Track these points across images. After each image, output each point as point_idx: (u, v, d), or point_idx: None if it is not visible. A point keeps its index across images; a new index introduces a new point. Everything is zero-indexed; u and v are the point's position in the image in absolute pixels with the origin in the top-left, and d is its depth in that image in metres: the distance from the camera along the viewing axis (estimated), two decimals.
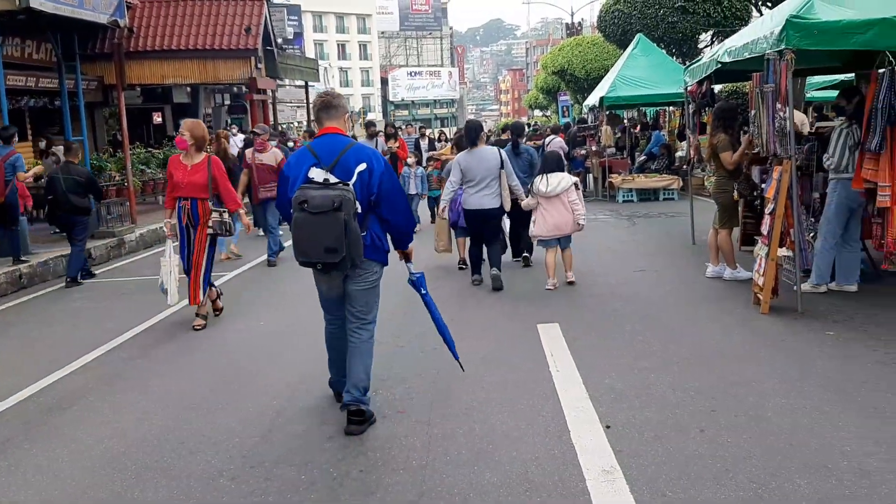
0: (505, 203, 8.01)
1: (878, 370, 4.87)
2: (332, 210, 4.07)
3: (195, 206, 6.82)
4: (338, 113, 4.52)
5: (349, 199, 4.12)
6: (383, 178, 4.35)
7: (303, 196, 4.14)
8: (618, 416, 4.33)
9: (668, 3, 23.22)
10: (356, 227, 4.16)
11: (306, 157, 4.38)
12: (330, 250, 4.11)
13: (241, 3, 20.13)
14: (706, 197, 10.91)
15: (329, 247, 4.10)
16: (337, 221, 4.07)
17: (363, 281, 4.42)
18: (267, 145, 10.65)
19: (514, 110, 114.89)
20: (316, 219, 4.10)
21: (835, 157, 6.74)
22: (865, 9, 6.22)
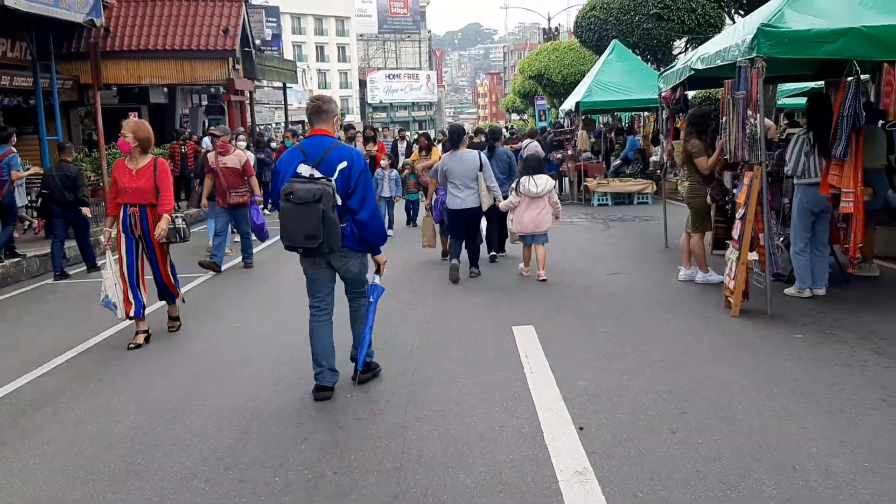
0: (483, 203, 8.52)
1: (845, 372, 4.97)
2: (312, 201, 4.59)
3: (144, 213, 6.43)
4: (327, 117, 5.00)
5: (329, 192, 4.62)
6: (361, 176, 4.86)
7: (289, 189, 4.68)
8: (591, 418, 4.38)
9: (644, 10, 23.45)
10: (334, 217, 4.65)
11: (296, 154, 4.89)
12: (309, 237, 4.64)
13: (219, 3, 20.03)
14: (679, 201, 11.03)
15: (308, 234, 4.63)
16: (316, 212, 4.58)
17: (350, 269, 5.02)
18: (229, 147, 10.01)
19: (491, 114, 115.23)
20: (298, 209, 4.63)
21: (790, 163, 6.91)
22: (835, 18, 6.34)
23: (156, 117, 23.66)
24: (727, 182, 8.00)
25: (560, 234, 12.12)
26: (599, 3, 24.94)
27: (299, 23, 76.45)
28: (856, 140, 6.27)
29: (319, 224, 4.60)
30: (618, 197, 16.50)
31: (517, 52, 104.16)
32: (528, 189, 8.36)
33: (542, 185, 8.37)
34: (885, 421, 4.16)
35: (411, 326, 6.66)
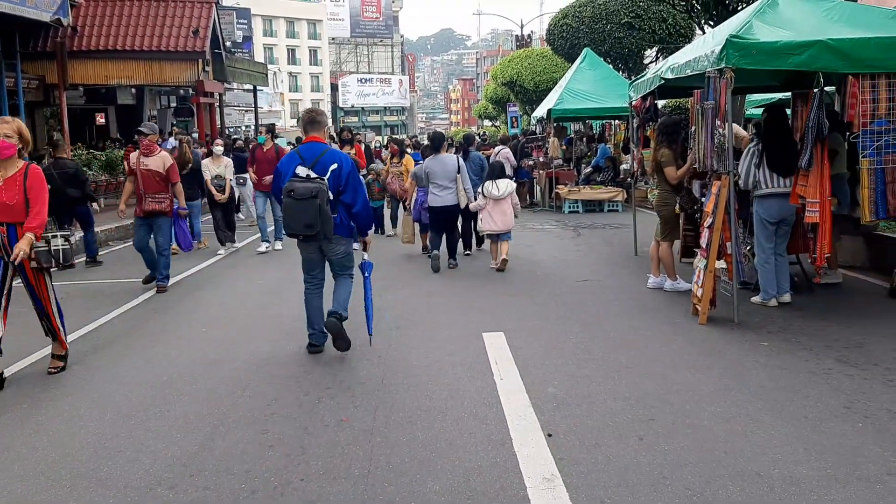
0: (461, 201, 9.58)
1: (809, 380, 5.04)
2: (310, 197, 5.54)
3: (13, 234, 5.38)
4: (320, 127, 6.02)
5: (323, 190, 5.59)
6: (350, 174, 5.83)
7: (290, 187, 5.62)
8: (560, 424, 4.39)
9: (615, 19, 23.71)
10: (328, 210, 5.62)
11: (294, 158, 5.82)
12: (308, 226, 5.61)
13: (190, 4, 19.87)
14: (649, 209, 11.14)
15: (307, 223, 5.59)
16: (313, 206, 5.54)
17: (337, 253, 5.94)
18: (154, 147, 8.96)
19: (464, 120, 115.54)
20: (299, 204, 5.58)
21: (741, 175, 7.01)
22: (802, 31, 6.46)
23: (123, 118, 23.41)
24: (696, 191, 8.08)
25: (531, 240, 12.21)
26: (572, 12, 25.17)
27: (271, 25, 76.08)
28: (821, 150, 6.37)
29: (317, 216, 5.55)
30: (588, 204, 16.61)
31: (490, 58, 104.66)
32: (491, 192, 9.39)
33: (503, 189, 9.42)
34: (847, 428, 4.22)
35: (381, 331, 6.62)
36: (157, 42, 19.04)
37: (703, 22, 16.96)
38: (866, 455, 3.87)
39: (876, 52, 6.24)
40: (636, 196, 11.29)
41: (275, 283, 9.17)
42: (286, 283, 8.89)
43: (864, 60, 6.25)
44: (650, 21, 23.54)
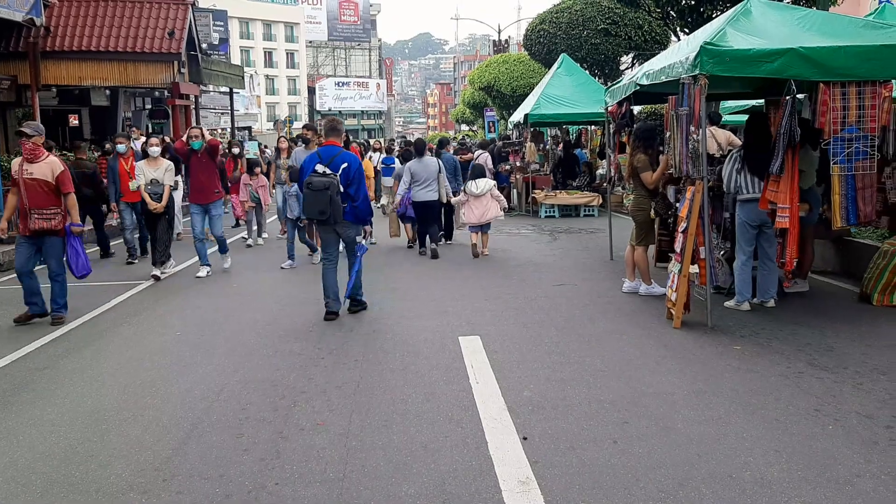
0: (442, 197, 11.36)
1: (780, 383, 5.10)
2: (324, 189, 6.97)
3: None
4: (338, 133, 7.51)
5: (335, 184, 7.02)
6: (356, 173, 7.22)
7: (310, 181, 7.05)
8: (535, 428, 4.41)
9: (592, 26, 23.88)
10: (338, 200, 7.04)
11: (314, 158, 7.25)
12: (321, 212, 7.03)
13: (165, 6, 19.71)
14: (625, 214, 11.22)
15: (321, 210, 7.01)
16: (326, 196, 6.96)
17: (348, 234, 7.36)
18: (40, 152, 7.36)
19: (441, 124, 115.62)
20: (315, 194, 7.00)
21: (724, 180, 7.13)
22: (775, 39, 6.55)
23: (97, 120, 23.15)
24: (670, 196, 8.16)
25: (507, 244, 12.26)
26: (549, 18, 25.31)
27: (247, 28, 75.70)
28: (792, 157, 6.46)
29: (328, 204, 6.97)
30: (565, 209, 16.72)
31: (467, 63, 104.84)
32: (472, 190, 11.15)
33: (482, 187, 11.16)
34: (817, 430, 4.28)
35: (357, 335, 6.62)
36: (131, 43, 18.86)
37: (679, 29, 17.13)
38: (836, 457, 3.93)
39: (846, 61, 6.34)
40: (612, 201, 11.36)
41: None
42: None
43: (834, 69, 6.35)
44: (626, 28, 23.75)
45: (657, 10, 17.41)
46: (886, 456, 3.93)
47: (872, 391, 4.91)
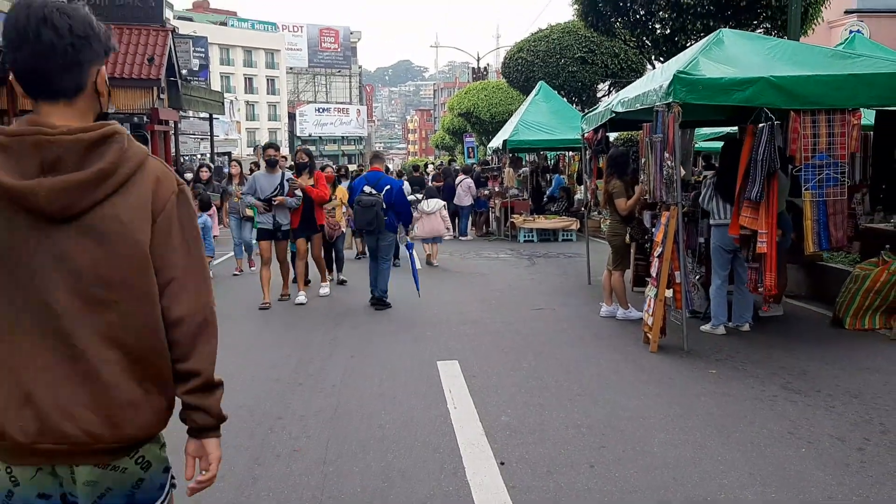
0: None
1: (755, 406, 5.15)
2: (371, 206, 8.74)
3: None
4: (381, 161, 10.01)
5: (379, 202, 8.78)
6: (397, 195, 9.00)
7: (359, 199, 8.87)
8: (512, 453, 4.42)
9: (569, 54, 24.19)
10: (382, 214, 8.79)
11: (363, 180, 9.15)
12: (368, 223, 8.82)
13: (145, 32, 19.77)
14: (602, 239, 11.31)
15: (368, 222, 8.80)
16: (372, 212, 8.73)
17: (384, 242, 9.07)
18: None
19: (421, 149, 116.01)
20: (364, 210, 8.80)
21: (703, 204, 7.26)
22: (746, 68, 6.70)
23: None
24: (646, 221, 8.25)
25: (486, 269, 12.31)
26: (527, 46, 25.61)
27: (228, 54, 75.84)
28: (768, 183, 6.57)
29: (374, 218, 8.73)
30: (543, 233, 16.82)
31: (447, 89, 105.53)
32: (423, 209, 12.56)
33: (432, 206, 12.68)
34: (791, 453, 4.33)
35: (336, 360, 6.60)
36: (111, 69, 18.82)
37: (653, 57, 17.43)
38: (809, 479, 3.97)
39: (816, 89, 6.49)
40: (589, 226, 11.47)
41: None
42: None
43: (804, 97, 6.50)
44: (603, 56, 24.08)
45: (632, 39, 17.72)
46: (858, 478, 3.98)
47: (844, 414, 4.98)
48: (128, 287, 1.75)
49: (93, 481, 1.78)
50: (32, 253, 1.70)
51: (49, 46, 1.71)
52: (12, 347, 1.71)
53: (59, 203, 1.67)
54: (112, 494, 1.82)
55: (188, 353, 1.86)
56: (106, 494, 1.81)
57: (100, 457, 1.77)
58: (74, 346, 1.71)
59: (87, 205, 1.70)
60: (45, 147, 1.68)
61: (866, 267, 7.37)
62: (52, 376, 1.71)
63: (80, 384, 1.72)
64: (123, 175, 1.74)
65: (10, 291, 1.71)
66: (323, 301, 9.51)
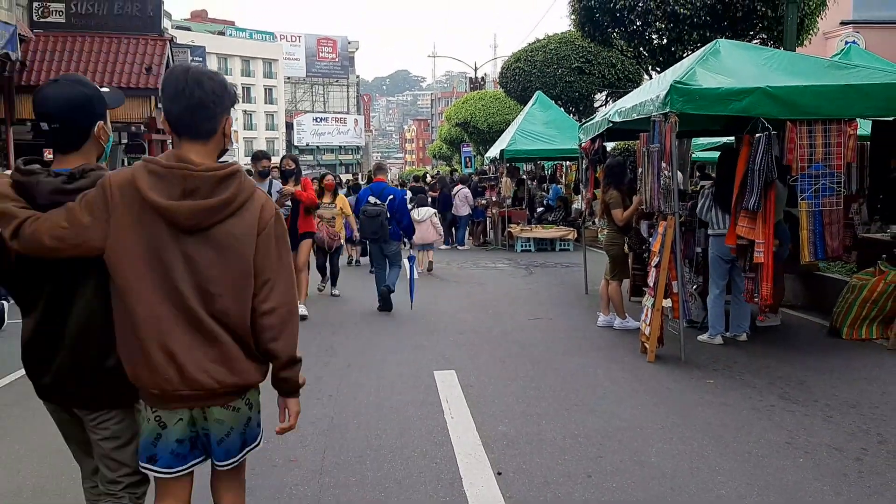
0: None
1: (752, 416, 5.15)
2: (376, 216, 9.17)
3: None
4: (385, 172, 10.19)
5: (383, 212, 9.20)
6: (399, 205, 9.44)
7: (365, 209, 9.26)
8: (509, 463, 4.40)
9: (566, 64, 24.26)
10: (386, 223, 9.21)
11: (368, 191, 9.57)
12: (374, 233, 9.26)
13: (143, 41, 19.77)
14: (600, 248, 11.31)
15: (374, 231, 9.24)
16: (377, 221, 9.16)
17: (391, 250, 9.51)
18: None
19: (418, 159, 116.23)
20: (369, 220, 9.23)
21: (701, 213, 7.26)
22: (742, 78, 6.71)
23: None
24: (643, 231, 8.26)
25: (483, 278, 12.30)
26: (524, 56, 25.68)
27: (226, 64, 75.94)
28: (766, 193, 6.57)
29: (379, 228, 9.17)
30: (540, 243, 16.82)
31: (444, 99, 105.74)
32: (414, 217, 11.95)
33: (423, 215, 12.55)
34: (788, 463, 4.32)
35: (332, 370, 6.58)
36: (108, 78, 18.85)
37: (650, 68, 17.47)
38: (806, 489, 3.96)
39: (812, 100, 6.51)
40: (587, 235, 11.49)
41: None
42: None
43: (800, 107, 6.51)
44: (600, 66, 24.15)
45: (629, 49, 17.76)
46: (856, 488, 3.97)
47: (842, 424, 4.97)
48: (229, 287, 2.38)
49: (220, 420, 2.47)
50: (169, 252, 2.33)
51: (198, 101, 2.37)
52: (158, 320, 2.33)
53: (193, 220, 2.33)
54: (232, 434, 2.52)
55: (277, 335, 2.47)
56: (230, 434, 2.51)
57: (224, 398, 2.45)
58: (200, 321, 2.35)
59: (211, 223, 2.35)
60: (189, 179, 2.32)
61: (863, 277, 7.39)
62: (186, 341, 2.35)
63: (206, 347, 2.37)
64: (239, 202, 2.39)
65: (156, 279, 2.34)
66: (319, 310, 9.49)
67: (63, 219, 2.33)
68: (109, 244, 2.33)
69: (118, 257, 2.33)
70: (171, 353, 2.33)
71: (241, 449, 2.58)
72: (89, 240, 2.33)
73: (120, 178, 2.35)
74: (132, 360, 2.37)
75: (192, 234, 2.34)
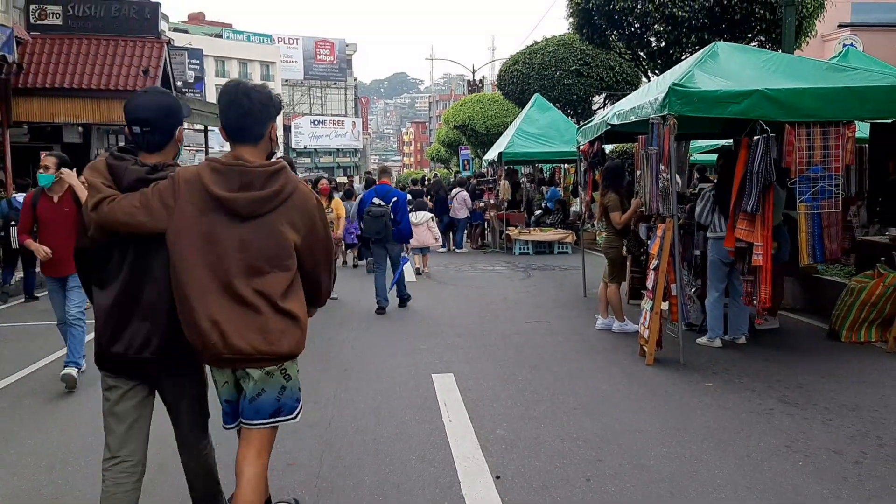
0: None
1: (751, 420, 5.13)
2: (379, 217, 9.42)
3: None
4: (389, 174, 10.37)
5: (387, 213, 9.47)
6: (401, 205, 9.74)
7: (369, 210, 9.48)
8: (508, 467, 4.38)
9: (564, 67, 24.27)
10: (390, 224, 9.48)
11: (372, 193, 9.82)
12: (377, 233, 9.49)
13: (140, 44, 19.74)
14: (598, 251, 11.31)
15: (377, 231, 9.48)
16: (381, 221, 9.42)
17: (394, 250, 9.83)
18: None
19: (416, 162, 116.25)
20: (373, 220, 9.44)
21: (700, 217, 7.24)
22: (741, 81, 6.70)
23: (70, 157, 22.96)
24: (642, 233, 8.24)
25: (481, 281, 12.28)
26: (522, 59, 25.69)
27: (223, 66, 75.87)
28: (765, 195, 6.56)
29: (383, 227, 9.43)
30: (539, 246, 16.80)
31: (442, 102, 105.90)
32: (410, 220, 12.04)
33: (420, 218, 12.87)
34: (788, 467, 4.30)
35: (330, 373, 6.56)
36: (105, 81, 18.81)
37: (649, 70, 17.49)
38: (805, 493, 3.95)
39: (810, 102, 6.50)
40: (585, 238, 11.48)
41: None
42: None
43: (799, 109, 6.50)
44: (598, 69, 24.16)
45: (628, 51, 17.78)
46: (855, 492, 3.96)
47: (841, 427, 4.96)
48: (276, 264, 2.86)
49: (254, 379, 2.90)
50: (225, 236, 2.80)
51: (247, 110, 2.86)
52: (207, 293, 2.77)
53: (249, 209, 2.82)
54: (265, 394, 2.94)
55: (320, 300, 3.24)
56: (262, 393, 2.93)
57: (260, 363, 2.87)
58: (243, 296, 2.80)
59: (264, 211, 2.84)
60: (245, 174, 2.82)
61: (862, 280, 7.38)
62: (229, 312, 2.80)
63: (247, 318, 2.81)
64: (286, 194, 2.87)
65: (208, 258, 2.79)
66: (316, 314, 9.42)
67: (137, 201, 2.81)
68: (171, 226, 2.78)
69: (177, 237, 2.78)
70: (215, 321, 2.77)
71: (274, 415, 2.97)
72: (153, 220, 2.79)
73: (187, 173, 2.83)
74: (187, 326, 2.83)
75: (248, 220, 2.82)
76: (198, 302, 2.76)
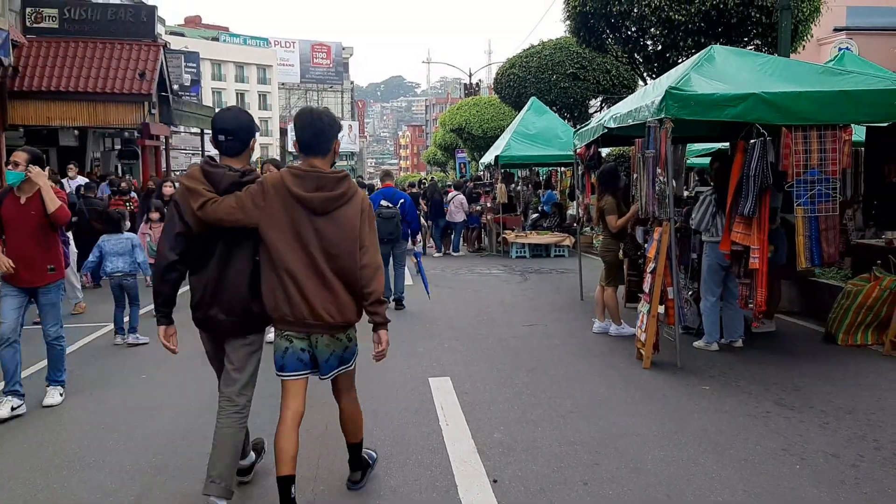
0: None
1: (749, 423, 5.13)
2: (391, 218, 9.77)
3: None
4: (392, 177, 10.86)
5: (398, 214, 9.84)
6: (409, 206, 10.16)
7: (379, 211, 9.65)
8: (505, 471, 4.37)
9: (561, 70, 24.32)
10: (401, 225, 9.92)
11: (379, 195, 10.01)
12: (389, 233, 9.74)
13: (136, 47, 19.73)
14: (595, 254, 11.31)
15: (389, 232, 9.73)
16: (392, 222, 9.77)
17: (399, 250, 10.25)
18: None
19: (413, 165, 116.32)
20: (384, 221, 9.65)
21: (695, 219, 7.23)
22: (738, 84, 6.71)
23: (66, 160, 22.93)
24: (639, 237, 8.24)
25: (478, 284, 12.27)
26: (519, 62, 25.74)
27: (220, 69, 75.90)
28: (762, 199, 6.56)
29: (395, 228, 9.82)
30: (535, 249, 16.79)
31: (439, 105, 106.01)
32: None
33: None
34: (785, 470, 4.30)
35: None
36: (102, 84, 18.80)
37: (645, 73, 17.52)
38: (803, 496, 3.95)
39: (807, 106, 6.51)
40: (582, 241, 11.48)
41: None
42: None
43: (796, 113, 6.51)
44: (594, 72, 24.21)
45: (624, 55, 17.81)
46: (853, 495, 3.96)
47: (838, 430, 4.96)
48: (344, 249, 3.60)
49: (327, 344, 3.71)
50: (305, 228, 3.56)
51: (319, 130, 3.64)
52: (296, 273, 3.54)
53: (322, 206, 3.57)
54: (334, 355, 3.77)
55: (369, 282, 3.67)
56: (332, 354, 3.75)
57: (333, 329, 3.69)
58: (324, 275, 3.58)
59: (334, 208, 3.60)
60: (319, 178, 3.59)
61: (858, 283, 7.39)
62: (314, 288, 3.58)
63: (326, 293, 3.60)
64: (350, 195, 3.65)
65: (295, 245, 3.56)
66: None
67: (234, 202, 3.56)
68: (264, 221, 3.54)
69: (270, 229, 3.55)
70: (304, 295, 3.55)
71: (339, 365, 3.82)
72: (248, 217, 3.55)
73: (273, 178, 3.57)
74: (277, 298, 3.58)
75: (321, 215, 3.57)
76: (291, 280, 3.53)
